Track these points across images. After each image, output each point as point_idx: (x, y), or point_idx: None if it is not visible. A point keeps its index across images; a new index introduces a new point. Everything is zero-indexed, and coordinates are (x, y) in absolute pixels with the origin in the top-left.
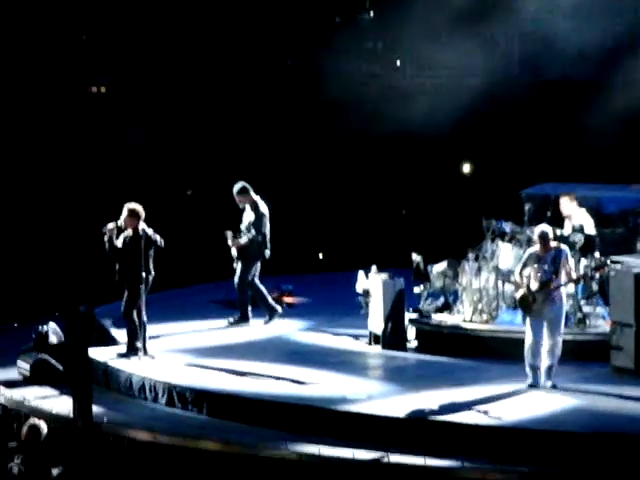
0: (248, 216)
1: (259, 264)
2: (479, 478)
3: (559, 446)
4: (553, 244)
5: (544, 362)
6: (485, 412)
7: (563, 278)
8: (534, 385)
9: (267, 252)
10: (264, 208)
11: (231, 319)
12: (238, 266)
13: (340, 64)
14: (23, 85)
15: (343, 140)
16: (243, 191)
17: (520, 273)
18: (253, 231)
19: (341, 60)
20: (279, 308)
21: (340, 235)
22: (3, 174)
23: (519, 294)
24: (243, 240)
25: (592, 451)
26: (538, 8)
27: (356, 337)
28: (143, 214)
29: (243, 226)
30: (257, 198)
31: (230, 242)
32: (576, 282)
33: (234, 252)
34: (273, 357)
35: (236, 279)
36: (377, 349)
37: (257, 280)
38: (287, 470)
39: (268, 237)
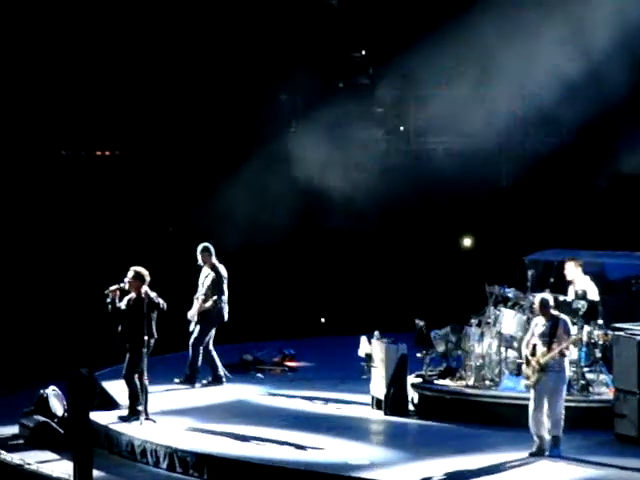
0: (205, 277)
1: (215, 329)
2: None
3: None
4: (554, 312)
5: (548, 432)
6: None
7: (555, 349)
8: (537, 454)
9: (226, 315)
10: (224, 271)
11: (177, 379)
12: (196, 329)
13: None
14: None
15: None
16: (206, 250)
17: (527, 342)
18: (216, 295)
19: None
20: (224, 380)
21: (343, 299)
22: (6, 236)
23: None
24: (208, 304)
25: None
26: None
27: (358, 402)
28: (148, 278)
29: (200, 286)
30: (216, 261)
31: (197, 307)
32: (564, 351)
33: (193, 315)
34: (275, 422)
35: (192, 340)
36: (379, 414)
37: (211, 345)
38: None
39: (226, 300)
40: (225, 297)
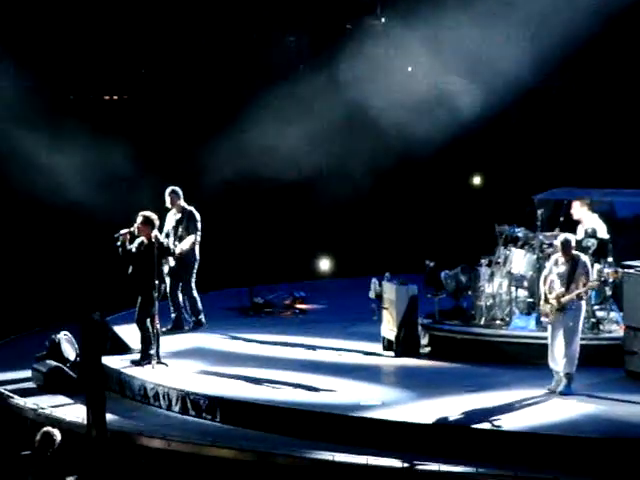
0: (176, 220)
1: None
2: None
3: (573, 452)
4: (574, 253)
5: (562, 369)
6: (499, 418)
7: (579, 287)
8: (551, 390)
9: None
10: (196, 213)
11: (186, 327)
12: (178, 276)
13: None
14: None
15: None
16: (174, 193)
17: (544, 279)
18: (192, 236)
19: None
20: (186, 327)
21: (354, 241)
22: (20, 181)
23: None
24: (186, 245)
25: (607, 457)
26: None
27: (369, 344)
28: (157, 222)
29: (167, 231)
30: (185, 204)
31: (177, 252)
32: (584, 294)
33: (172, 262)
34: (287, 364)
35: (176, 289)
36: (390, 355)
37: (180, 290)
38: (301, 477)
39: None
40: (199, 238)
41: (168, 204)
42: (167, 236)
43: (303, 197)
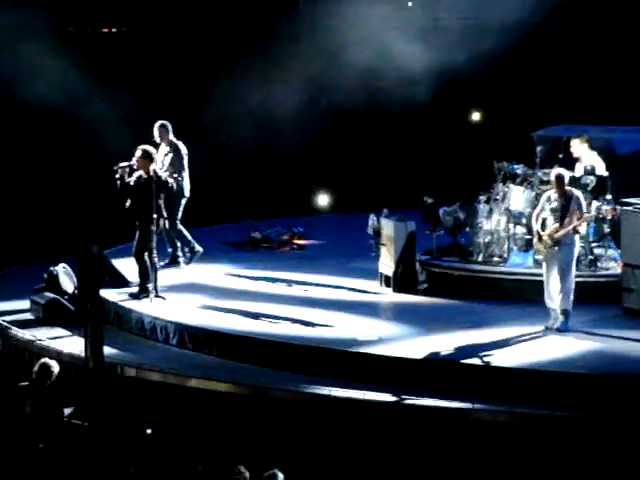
0: (164, 154)
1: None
2: (489, 419)
3: (569, 388)
4: (567, 188)
5: (558, 305)
6: (496, 354)
7: (573, 222)
8: (549, 327)
9: (187, 191)
10: (183, 148)
11: (182, 260)
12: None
13: None
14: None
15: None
16: (163, 127)
17: (537, 216)
18: (176, 172)
19: None
20: (182, 262)
21: (352, 176)
22: (20, 117)
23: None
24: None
25: (602, 393)
26: None
27: (367, 280)
28: (156, 156)
29: (159, 164)
30: (174, 138)
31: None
32: (577, 228)
33: None
34: (284, 300)
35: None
36: (388, 291)
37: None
38: (297, 411)
39: (187, 176)
40: (186, 174)
41: (157, 138)
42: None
43: (303, 132)
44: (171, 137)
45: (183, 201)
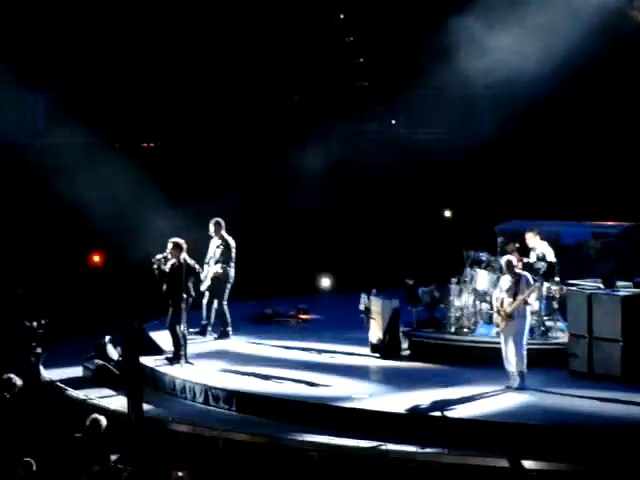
0: (216, 247)
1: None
2: (461, 463)
3: (524, 437)
4: (517, 270)
5: (515, 368)
6: (464, 408)
7: (519, 299)
8: (509, 386)
9: (232, 278)
10: (232, 242)
11: (215, 335)
12: (219, 293)
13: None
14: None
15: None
16: (218, 224)
17: (496, 297)
18: (225, 262)
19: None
20: (231, 334)
21: (346, 262)
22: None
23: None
24: (219, 269)
25: (551, 441)
26: None
27: (359, 348)
28: (185, 246)
29: (210, 256)
30: (225, 234)
31: (212, 273)
32: (526, 299)
33: (206, 277)
34: (291, 364)
35: (216, 304)
36: (377, 357)
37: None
38: (303, 457)
39: (234, 265)
40: (233, 264)
41: (212, 232)
42: (209, 260)
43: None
44: (223, 232)
45: (229, 286)
